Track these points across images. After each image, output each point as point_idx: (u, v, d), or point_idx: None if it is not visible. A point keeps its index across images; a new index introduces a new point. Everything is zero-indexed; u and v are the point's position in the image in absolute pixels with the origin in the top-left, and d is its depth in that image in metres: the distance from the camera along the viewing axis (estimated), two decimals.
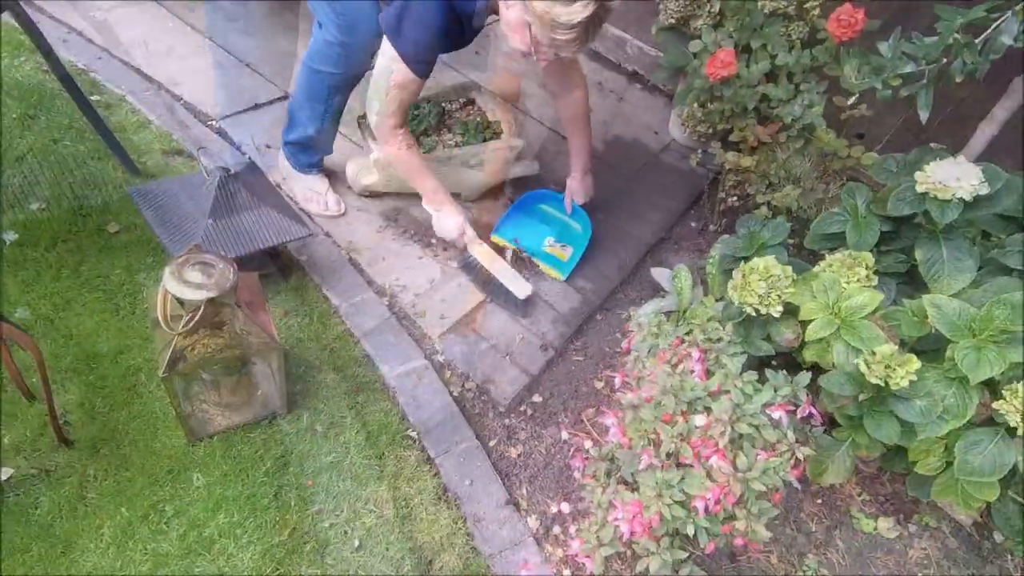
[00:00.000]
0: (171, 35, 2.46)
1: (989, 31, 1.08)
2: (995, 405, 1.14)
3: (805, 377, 1.09)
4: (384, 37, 1.44)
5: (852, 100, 1.70)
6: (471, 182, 2.07)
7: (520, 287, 1.79)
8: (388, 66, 1.46)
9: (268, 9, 2.74)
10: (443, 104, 2.15)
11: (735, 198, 2.03)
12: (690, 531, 1.05)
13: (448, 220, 1.77)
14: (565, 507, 1.47)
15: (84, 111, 1.61)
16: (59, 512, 1.15)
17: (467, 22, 1.44)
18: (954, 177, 1.23)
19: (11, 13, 1.43)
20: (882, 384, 1.14)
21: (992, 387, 1.24)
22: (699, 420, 1.11)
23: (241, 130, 2.16)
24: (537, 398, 1.69)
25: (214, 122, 2.17)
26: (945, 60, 1.06)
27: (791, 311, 1.46)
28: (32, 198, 1.64)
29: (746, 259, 1.66)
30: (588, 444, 1.61)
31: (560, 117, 1.97)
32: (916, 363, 1.12)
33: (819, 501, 1.57)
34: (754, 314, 1.46)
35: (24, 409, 1.26)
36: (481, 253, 1.81)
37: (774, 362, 1.81)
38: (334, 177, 2.05)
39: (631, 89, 2.92)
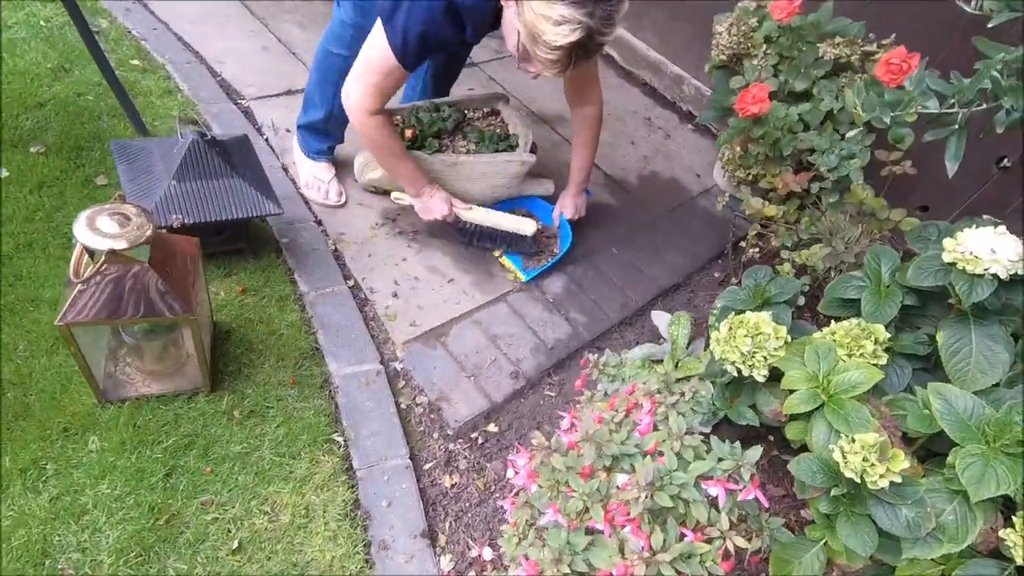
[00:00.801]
0: (228, 16, 2.54)
1: None
2: (1001, 533, 0.90)
3: (755, 452, 0.91)
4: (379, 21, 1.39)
5: (895, 156, 1.50)
6: (476, 195, 1.98)
7: (525, 225, 1.83)
8: (375, 49, 1.40)
9: (326, 7, 2.80)
10: (465, 111, 2.09)
11: (757, 250, 1.83)
12: None
13: (433, 199, 1.74)
14: (488, 553, 1.30)
15: (99, 64, 1.64)
16: None
17: (467, 16, 1.36)
18: (988, 248, 1.02)
19: None
20: (857, 479, 0.93)
21: (1011, 509, 1.00)
22: (620, 479, 0.94)
23: (268, 112, 2.17)
24: (492, 427, 1.54)
25: (243, 101, 2.19)
26: (983, 104, 0.87)
27: (779, 378, 1.26)
28: (35, 142, 1.68)
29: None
30: (535, 487, 1.45)
31: (573, 129, 1.88)
32: (902, 461, 0.90)
33: None
34: (735, 374, 1.27)
35: None
36: (474, 215, 1.82)
37: (770, 437, 1.60)
38: (344, 168, 2.01)
39: (681, 129, 2.78)
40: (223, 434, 1.25)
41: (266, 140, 2.07)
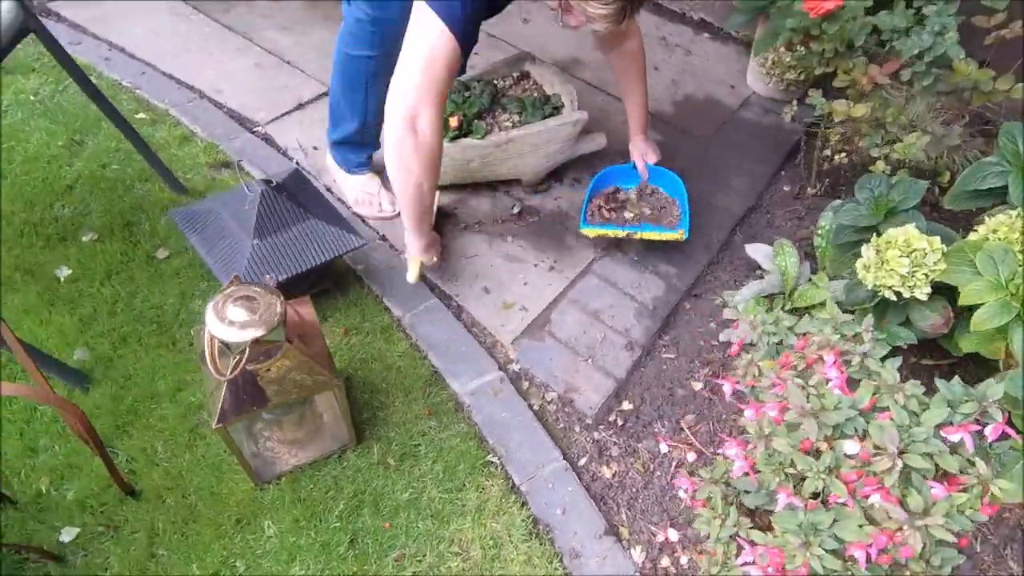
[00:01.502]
0: (209, 40, 2.37)
1: None
2: None
3: (996, 388, 0.85)
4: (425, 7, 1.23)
5: (998, 19, 1.38)
6: (533, 166, 1.87)
7: None
8: (423, 38, 1.19)
9: (302, 5, 2.61)
10: (495, 82, 1.95)
11: (843, 154, 1.73)
12: None
13: (428, 239, 1.54)
14: (673, 534, 1.28)
15: (122, 130, 1.52)
16: (129, 573, 1.07)
17: None
18: None
19: (36, 36, 1.34)
20: None
21: None
22: (850, 447, 0.89)
23: (287, 133, 2.05)
24: (627, 405, 1.50)
25: (259, 127, 2.06)
26: None
27: (938, 290, 1.19)
28: (84, 229, 1.58)
29: (873, 229, 1.39)
30: (691, 456, 1.42)
31: (614, 73, 1.74)
32: None
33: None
34: (894, 298, 1.20)
35: (89, 460, 1.19)
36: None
37: (915, 352, 1.54)
38: (383, 173, 1.90)
39: (699, 40, 2.62)
40: (386, 485, 1.21)
41: (297, 164, 1.96)
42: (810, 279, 1.63)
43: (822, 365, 1.05)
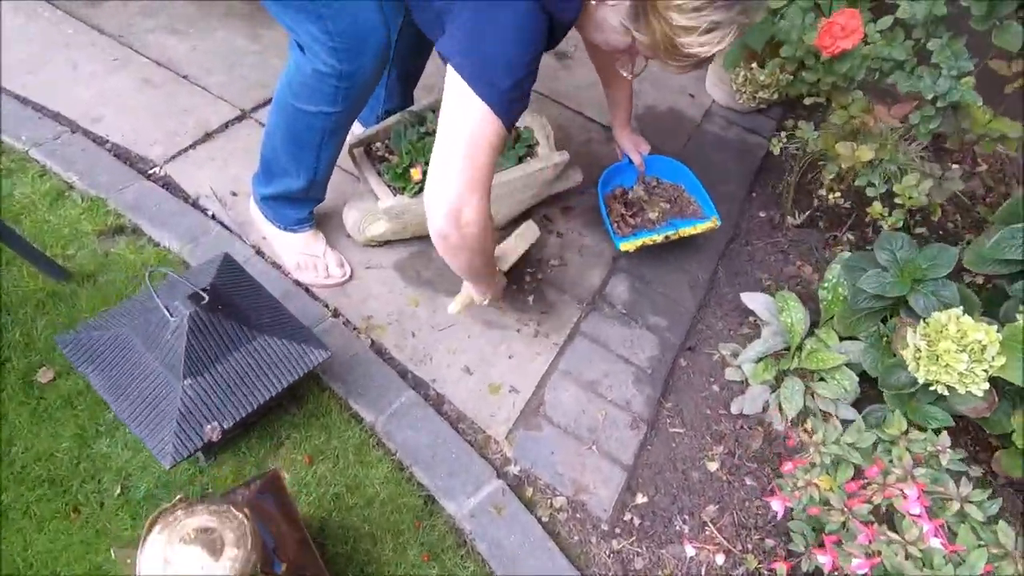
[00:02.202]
0: (74, 47, 1.89)
1: None
2: None
3: None
4: (447, 66, 0.93)
5: (1019, 65, 1.28)
6: (505, 214, 1.62)
7: (529, 231, 1.48)
8: (460, 118, 0.93)
9: None
10: None
11: (839, 194, 1.62)
12: None
13: (494, 288, 1.36)
14: None
15: None
16: None
17: (560, 32, 0.98)
18: None
19: None
20: None
21: None
22: None
23: (195, 174, 1.66)
24: (641, 498, 1.33)
25: (157, 169, 1.66)
26: None
27: None
28: None
29: (902, 302, 1.28)
30: (720, 559, 1.28)
31: (600, 68, 1.56)
32: None
33: None
34: (946, 393, 1.10)
35: None
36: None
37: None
38: (325, 220, 1.58)
39: None
40: None
41: (212, 217, 1.59)
42: (814, 333, 1.53)
43: (903, 502, 0.92)
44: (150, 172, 1.64)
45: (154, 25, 2.02)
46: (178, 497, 0.69)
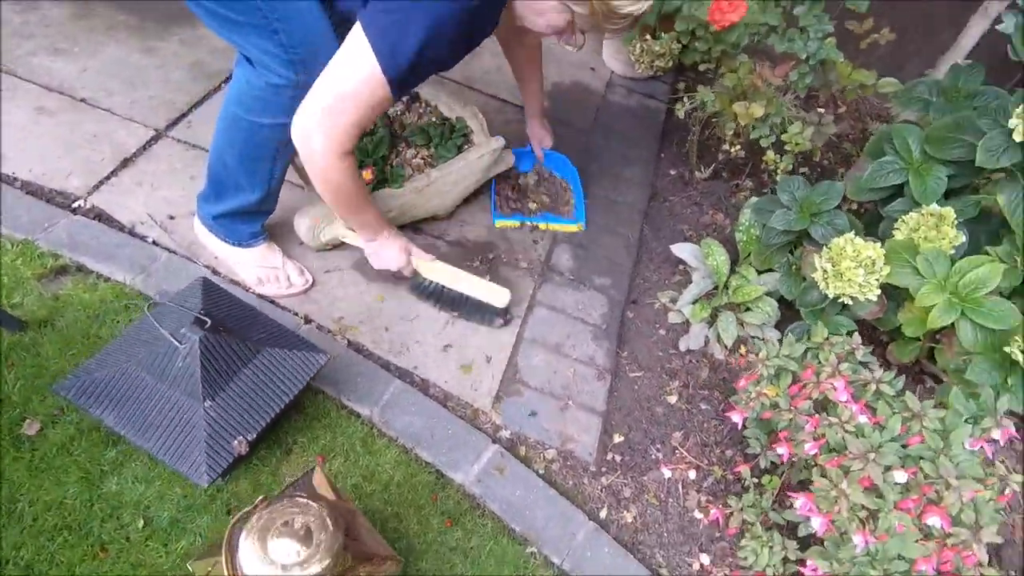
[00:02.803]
0: None
1: None
2: None
3: (1003, 401, 1.00)
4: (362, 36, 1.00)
5: (868, 24, 1.54)
6: (453, 201, 1.71)
7: (497, 295, 1.51)
8: (355, 71, 1.03)
9: (72, 8, 2.01)
10: (386, 112, 1.71)
11: (739, 147, 1.85)
12: None
13: (390, 247, 1.44)
14: (705, 559, 1.35)
15: None
16: None
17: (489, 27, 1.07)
18: None
19: None
20: None
21: None
22: (899, 476, 0.99)
23: (125, 202, 1.60)
24: (618, 438, 1.51)
25: (81, 201, 1.58)
26: None
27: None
28: None
29: (804, 234, 1.52)
30: (692, 474, 1.49)
31: (512, 62, 1.69)
32: None
33: None
34: (851, 303, 1.34)
35: None
36: (437, 271, 1.50)
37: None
38: (273, 231, 1.59)
39: None
40: None
41: (154, 243, 1.55)
42: (736, 271, 1.76)
43: (834, 393, 1.14)
44: (74, 206, 1.57)
45: (34, 47, 1.88)
46: (260, 498, 0.75)
